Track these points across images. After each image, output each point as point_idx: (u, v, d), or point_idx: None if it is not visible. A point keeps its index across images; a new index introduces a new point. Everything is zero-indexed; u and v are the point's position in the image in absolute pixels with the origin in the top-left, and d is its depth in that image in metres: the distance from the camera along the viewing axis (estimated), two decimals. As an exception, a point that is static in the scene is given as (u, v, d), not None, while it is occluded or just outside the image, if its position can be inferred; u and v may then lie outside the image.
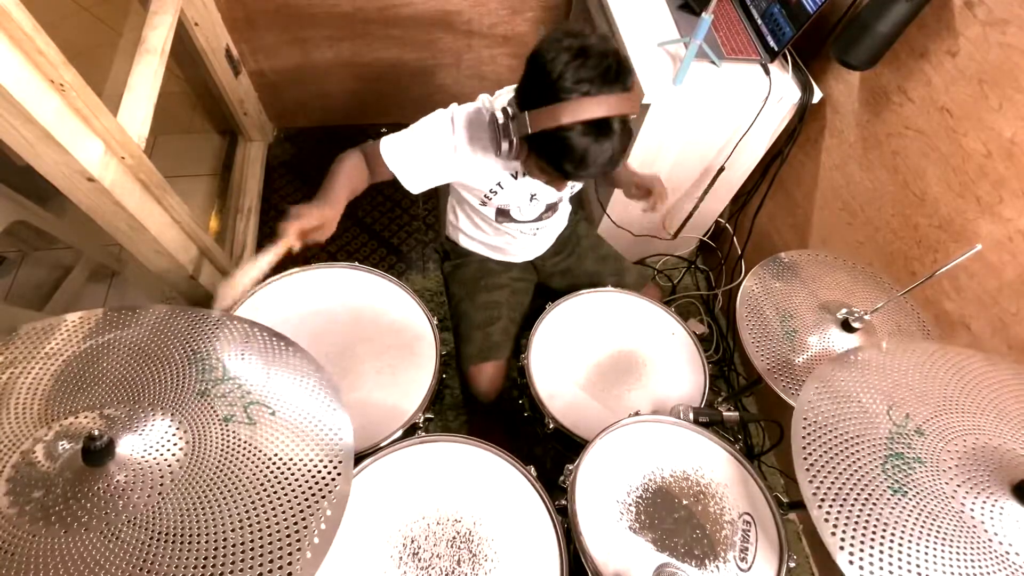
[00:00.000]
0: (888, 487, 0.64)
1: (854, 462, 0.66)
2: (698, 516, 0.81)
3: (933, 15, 1.02)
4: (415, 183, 0.96)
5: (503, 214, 1.09)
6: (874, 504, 0.62)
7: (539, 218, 1.12)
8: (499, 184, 1.01)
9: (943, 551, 0.59)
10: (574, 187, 1.10)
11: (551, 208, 1.11)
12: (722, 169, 1.43)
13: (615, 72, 0.73)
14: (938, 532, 0.60)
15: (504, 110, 0.82)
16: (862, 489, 0.64)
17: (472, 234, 1.19)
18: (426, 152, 0.95)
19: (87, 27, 2.02)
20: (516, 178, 1.01)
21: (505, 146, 0.82)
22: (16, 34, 0.76)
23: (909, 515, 0.62)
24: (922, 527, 0.61)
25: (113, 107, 1.00)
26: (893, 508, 0.62)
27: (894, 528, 0.61)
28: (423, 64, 1.92)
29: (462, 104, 0.96)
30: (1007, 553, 0.59)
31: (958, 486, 0.63)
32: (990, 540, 0.60)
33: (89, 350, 0.69)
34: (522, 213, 1.09)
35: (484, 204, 1.06)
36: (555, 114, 0.72)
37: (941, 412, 0.71)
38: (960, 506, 0.62)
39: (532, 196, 1.06)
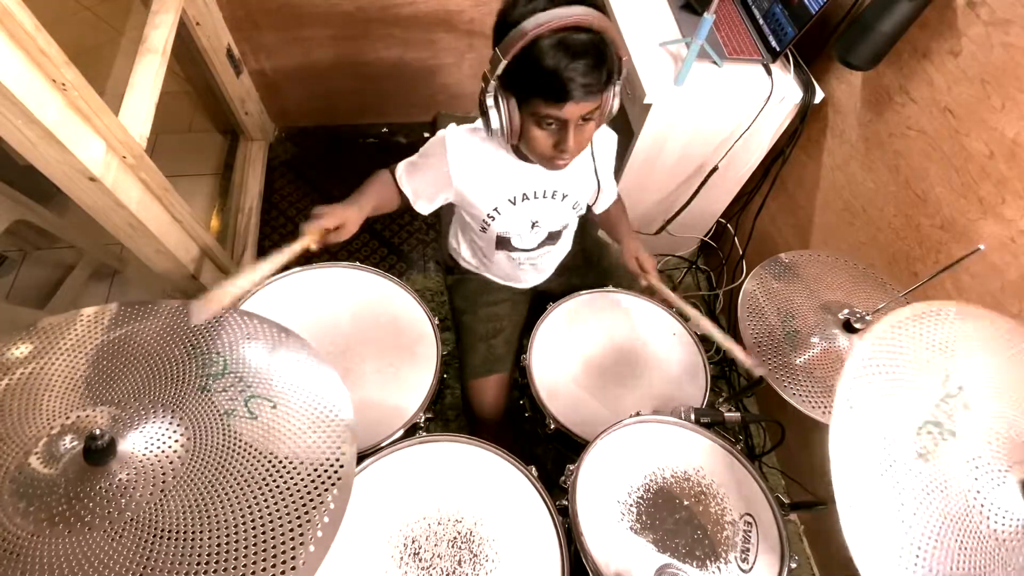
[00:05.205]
0: (915, 450, 0.63)
1: (894, 415, 0.65)
2: (699, 517, 0.81)
3: (935, 15, 1.02)
4: (421, 205, 1.00)
5: (503, 243, 1.07)
6: (894, 461, 0.62)
7: (540, 246, 1.10)
8: (496, 210, 0.99)
9: (937, 520, 0.59)
10: (578, 206, 1.06)
11: (553, 237, 1.09)
12: (715, 169, 1.43)
13: None
14: (941, 503, 0.60)
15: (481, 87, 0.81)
16: (890, 443, 0.63)
17: (473, 262, 1.19)
18: (427, 176, 0.97)
19: (89, 26, 2.02)
20: (515, 204, 0.99)
21: (492, 110, 0.79)
22: (18, 33, 0.76)
23: (920, 481, 0.61)
24: (929, 495, 0.60)
25: (115, 106, 1.00)
26: (910, 471, 0.61)
27: (903, 488, 0.60)
28: (425, 64, 1.92)
29: (460, 124, 0.96)
30: (992, 534, 0.59)
31: (976, 466, 0.63)
32: (980, 521, 0.59)
33: (91, 350, 0.69)
34: (523, 241, 1.07)
35: (484, 230, 1.04)
36: (518, 32, 0.72)
37: (993, 394, 0.68)
38: (970, 486, 0.61)
39: (533, 224, 1.04)
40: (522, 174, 0.96)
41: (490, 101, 0.79)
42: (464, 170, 0.94)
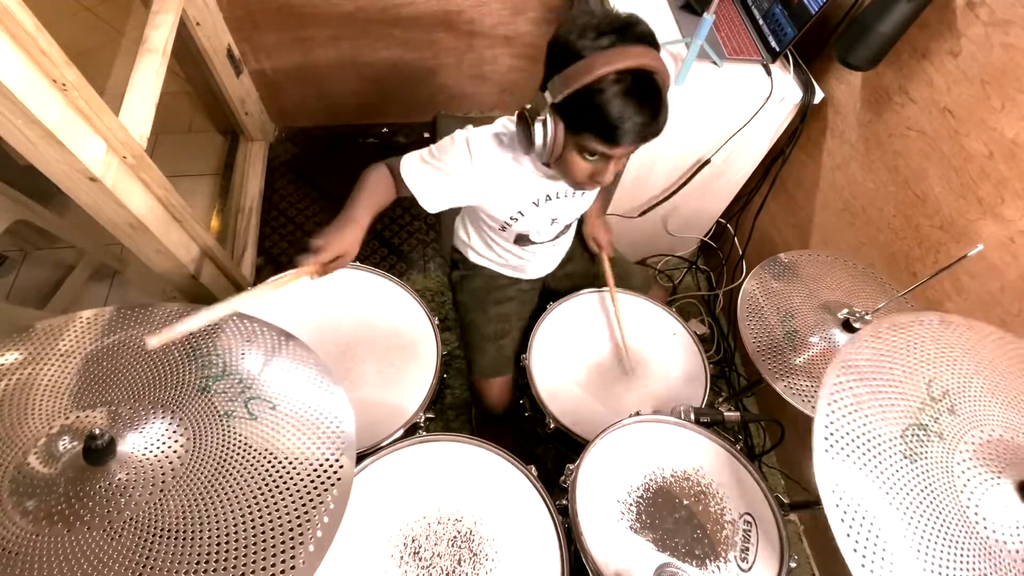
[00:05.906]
0: (900, 451, 0.64)
1: (877, 418, 0.66)
2: (699, 516, 0.81)
3: (935, 15, 1.02)
4: (433, 204, 0.93)
5: (522, 238, 1.07)
6: (881, 461, 0.62)
7: (556, 237, 1.11)
8: (520, 212, 0.98)
9: (930, 522, 0.60)
10: (589, 197, 1.08)
11: (567, 228, 1.11)
12: (707, 162, 1.42)
13: (638, 31, 0.74)
14: (933, 504, 0.61)
15: (528, 107, 0.80)
16: (875, 445, 0.63)
17: (484, 253, 1.17)
18: (444, 177, 0.91)
19: (89, 26, 2.03)
20: (538, 205, 0.98)
21: (539, 131, 0.78)
22: (19, 34, 0.76)
23: (911, 482, 0.62)
24: (920, 497, 0.61)
25: (115, 106, 1.00)
26: (898, 471, 0.62)
27: (891, 487, 0.61)
28: (424, 64, 1.93)
29: (478, 127, 0.92)
30: (987, 537, 0.59)
31: (967, 468, 0.63)
32: (976, 522, 0.60)
33: (92, 351, 0.69)
34: (541, 235, 1.07)
35: (504, 229, 1.04)
36: (585, 67, 0.71)
37: (981, 398, 0.69)
38: (963, 487, 0.62)
39: (553, 220, 1.04)
40: (546, 178, 0.95)
41: (538, 126, 0.78)
42: (489, 178, 0.92)
